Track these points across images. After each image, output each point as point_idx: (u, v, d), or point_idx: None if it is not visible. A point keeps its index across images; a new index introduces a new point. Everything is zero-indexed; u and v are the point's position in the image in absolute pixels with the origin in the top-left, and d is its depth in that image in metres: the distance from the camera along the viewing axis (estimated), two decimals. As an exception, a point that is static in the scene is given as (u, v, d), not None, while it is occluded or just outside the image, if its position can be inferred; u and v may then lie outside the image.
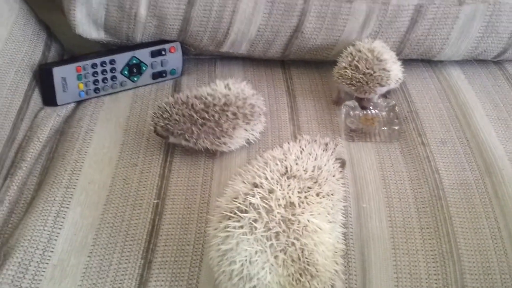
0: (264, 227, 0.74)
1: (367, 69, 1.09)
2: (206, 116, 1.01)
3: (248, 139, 1.07)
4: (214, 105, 1.02)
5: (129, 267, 0.87)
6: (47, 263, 0.87)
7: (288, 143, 0.90)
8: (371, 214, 0.96)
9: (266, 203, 0.76)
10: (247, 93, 1.07)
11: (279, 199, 0.77)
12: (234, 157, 1.06)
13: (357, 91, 1.10)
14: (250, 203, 0.76)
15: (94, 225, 0.93)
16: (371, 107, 1.13)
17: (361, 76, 1.09)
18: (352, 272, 0.87)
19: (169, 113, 1.02)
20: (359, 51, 1.12)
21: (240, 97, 1.04)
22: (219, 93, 1.04)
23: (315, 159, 0.86)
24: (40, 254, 0.87)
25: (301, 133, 1.10)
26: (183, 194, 0.99)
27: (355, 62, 1.10)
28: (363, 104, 1.12)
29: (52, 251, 0.88)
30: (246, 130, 1.05)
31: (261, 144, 1.09)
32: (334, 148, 0.92)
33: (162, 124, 1.02)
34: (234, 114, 1.03)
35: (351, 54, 1.13)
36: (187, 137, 1.02)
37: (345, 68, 1.11)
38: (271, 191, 0.78)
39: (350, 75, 1.10)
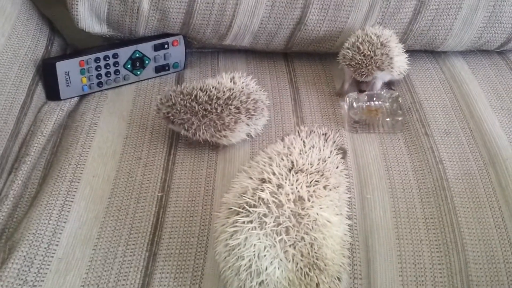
0: (274, 222, 0.74)
1: (369, 51, 1.10)
2: (209, 108, 1.01)
3: (250, 133, 1.07)
4: (218, 98, 1.02)
5: (134, 260, 0.87)
6: (52, 257, 0.87)
7: (288, 135, 0.89)
8: (375, 205, 0.96)
9: (276, 198, 0.76)
10: (251, 88, 1.07)
11: (288, 194, 0.76)
12: (237, 150, 1.06)
13: (355, 72, 1.12)
14: (260, 198, 0.75)
15: (99, 218, 0.93)
16: (374, 99, 1.13)
17: (361, 57, 1.11)
18: (356, 263, 0.87)
19: (172, 101, 1.02)
20: (366, 34, 1.13)
21: (244, 92, 1.04)
22: (224, 86, 1.04)
23: (319, 152, 0.86)
24: (45, 248, 0.88)
25: (300, 125, 1.10)
26: (187, 187, 0.99)
27: (357, 43, 1.12)
28: (361, 87, 1.14)
29: (57, 245, 0.88)
30: (248, 124, 1.05)
31: (265, 136, 1.09)
32: (334, 138, 0.92)
33: (164, 111, 1.03)
34: (237, 108, 1.03)
35: (357, 36, 1.14)
36: (186, 127, 1.02)
37: (348, 48, 1.13)
38: (280, 186, 0.77)
39: (350, 56, 1.12)
